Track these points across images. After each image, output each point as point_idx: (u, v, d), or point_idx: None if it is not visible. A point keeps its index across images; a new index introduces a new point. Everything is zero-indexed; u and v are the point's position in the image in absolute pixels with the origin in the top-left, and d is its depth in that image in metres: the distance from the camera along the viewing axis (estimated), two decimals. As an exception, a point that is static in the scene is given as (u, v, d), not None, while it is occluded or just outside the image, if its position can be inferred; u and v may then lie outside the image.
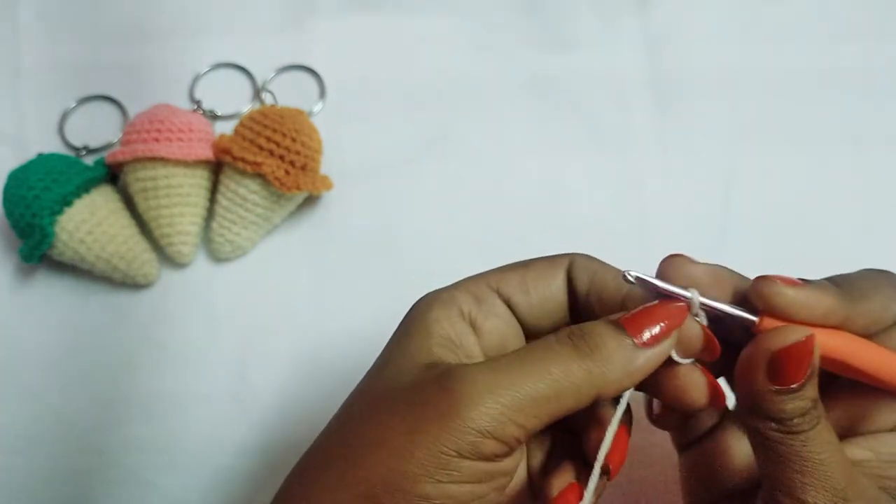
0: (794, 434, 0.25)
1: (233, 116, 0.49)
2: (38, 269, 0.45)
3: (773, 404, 0.25)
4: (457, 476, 0.23)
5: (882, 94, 0.50)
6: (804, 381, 0.25)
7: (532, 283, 0.28)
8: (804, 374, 0.25)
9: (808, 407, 0.25)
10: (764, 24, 0.52)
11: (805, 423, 0.25)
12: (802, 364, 0.25)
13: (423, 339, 0.27)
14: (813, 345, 0.25)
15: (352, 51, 0.51)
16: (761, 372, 0.25)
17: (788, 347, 0.25)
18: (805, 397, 0.25)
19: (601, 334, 0.25)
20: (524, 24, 0.52)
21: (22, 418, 0.41)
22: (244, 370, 0.43)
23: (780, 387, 0.25)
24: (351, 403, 0.27)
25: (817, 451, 0.25)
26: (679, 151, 0.48)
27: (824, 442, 0.25)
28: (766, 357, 0.25)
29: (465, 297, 0.28)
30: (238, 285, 0.45)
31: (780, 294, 0.26)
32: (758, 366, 0.25)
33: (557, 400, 0.24)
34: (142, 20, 0.51)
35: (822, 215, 0.46)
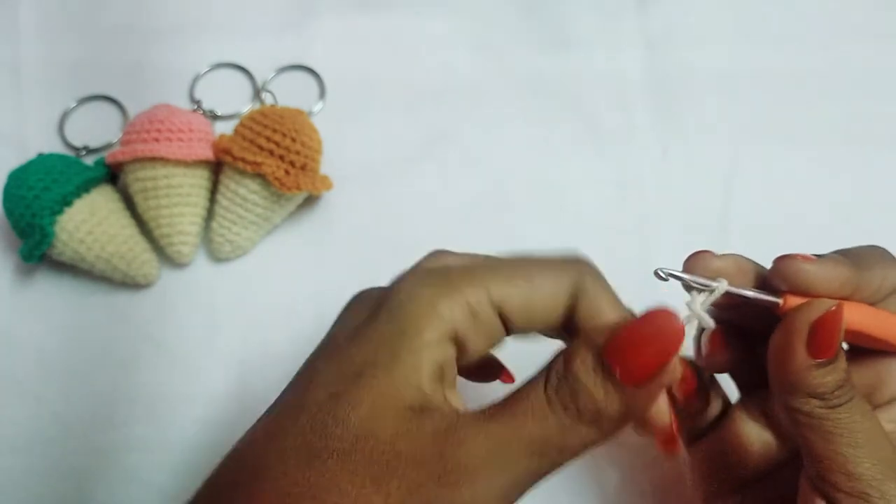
0: (837, 407, 0.26)
1: (233, 116, 0.49)
2: (38, 269, 0.45)
3: (814, 379, 0.26)
4: None
5: (882, 94, 0.50)
6: (836, 352, 0.26)
7: (536, 302, 0.26)
8: (837, 344, 0.26)
9: (845, 378, 0.26)
10: (764, 24, 0.52)
11: (845, 394, 0.26)
12: (835, 334, 0.26)
13: (411, 370, 0.24)
14: (842, 314, 0.26)
15: (352, 51, 0.51)
16: (801, 347, 0.26)
17: (822, 318, 0.26)
18: (840, 369, 0.26)
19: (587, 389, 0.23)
20: (524, 23, 0.52)
21: (21, 418, 0.41)
22: (244, 370, 0.42)
23: (819, 359, 0.25)
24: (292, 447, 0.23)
25: (861, 420, 0.26)
26: (679, 151, 0.48)
27: (865, 411, 0.26)
28: (803, 331, 0.26)
29: (460, 313, 0.25)
30: (238, 285, 0.45)
31: (802, 270, 0.27)
32: (795, 342, 0.26)
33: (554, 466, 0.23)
34: (142, 20, 0.52)
35: (822, 215, 0.46)
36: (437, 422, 0.23)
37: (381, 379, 0.23)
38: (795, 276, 0.27)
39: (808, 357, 0.26)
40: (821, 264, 0.27)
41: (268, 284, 0.45)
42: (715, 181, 0.47)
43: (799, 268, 0.27)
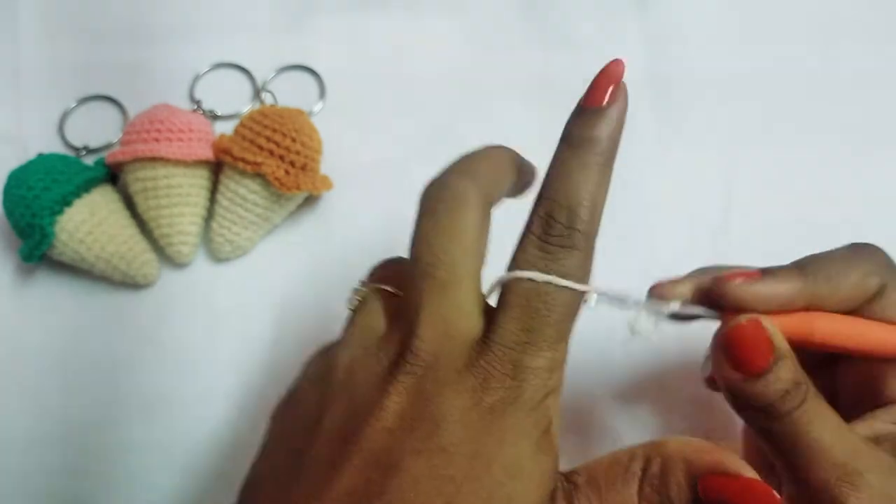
0: (779, 418, 0.25)
1: (233, 116, 0.49)
2: (38, 269, 0.45)
3: (748, 392, 0.25)
4: None
5: (882, 94, 0.50)
6: (771, 363, 0.25)
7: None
8: (767, 357, 0.25)
9: (787, 388, 0.25)
10: (764, 25, 0.52)
11: (786, 403, 0.25)
12: (757, 347, 0.25)
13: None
14: (759, 326, 0.25)
15: (352, 51, 0.51)
16: (724, 364, 0.25)
17: (730, 333, 0.25)
18: (778, 379, 0.25)
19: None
20: (524, 23, 0.52)
21: (21, 418, 0.41)
22: (244, 370, 0.42)
23: (746, 375, 0.25)
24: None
25: (807, 430, 0.25)
26: (679, 151, 0.48)
27: (814, 419, 0.25)
28: (720, 348, 0.26)
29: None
30: (238, 285, 0.45)
31: (733, 291, 0.27)
32: (719, 360, 0.26)
33: None
34: (142, 20, 0.51)
35: (822, 215, 0.46)
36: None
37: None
38: (729, 298, 0.27)
39: (734, 372, 0.25)
40: (760, 283, 0.27)
41: (268, 284, 0.45)
42: (715, 181, 0.47)
43: (731, 289, 0.27)
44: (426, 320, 0.25)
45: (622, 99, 0.27)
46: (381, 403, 0.24)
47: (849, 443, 0.25)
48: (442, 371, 0.24)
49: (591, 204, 0.26)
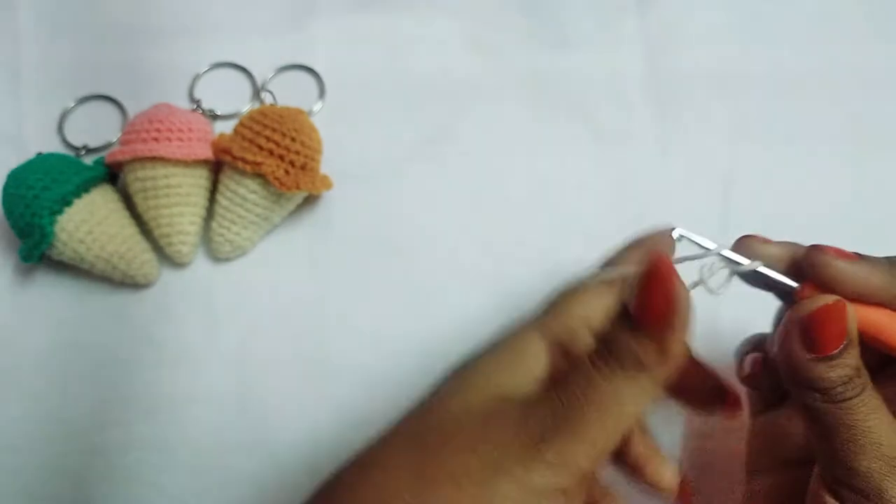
0: (837, 403, 0.25)
1: (233, 116, 0.49)
2: (38, 269, 0.45)
3: (813, 373, 0.25)
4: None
5: (882, 94, 0.50)
6: (841, 348, 0.25)
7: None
8: (839, 341, 0.25)
9: (850, 375, 0.25)
10: (764, 24, 0.52)
11: (848, 391, 0.25)
12: (834, 331, 0.25)
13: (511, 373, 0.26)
14: (843, 311, 0.25)
15: (352, 51, 0.51)
16: (796, 341, 0.26)
17: (817, 312, 0.25)
18: (845, 365, 0.25)
19: (629, 346, 0.25)
20: (524, 23, 0.52)
21: (21, 418, 0.41)
22: (244, 370, 0.42)
23: (818, 355, 0.25)
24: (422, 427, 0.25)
25: (863, 419, 0.25)
26: (679, 151, 0.48)
27: (870, 409, 0.26)
28: (797, 324, 0.26)
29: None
30: (238, 285, 0.45)
31: (828, 264, 0.26)
32: (792, 337, 0.26)
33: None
34: (142, 20, 0.51)
35: (821, 215, 0.46)
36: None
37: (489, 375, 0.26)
38: (820, 269, 0.27)
39: (805, 352, 0.25)
40: (855, 264, 0.26)
41: (268, 284, 0.45)
42: (715, 181, 0.47)
43: (826, 261, 0.27)
44: None
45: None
46: None
47: (893, 437, 0.26)
48: None
49: None
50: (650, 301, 0.25)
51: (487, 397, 0.25)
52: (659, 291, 0.25)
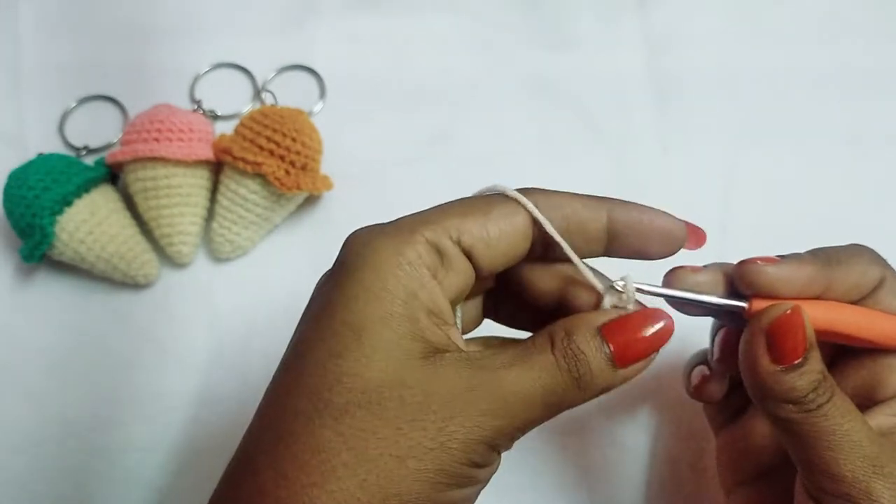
0: (812, 411, 0.25)
1: (233, 116, 0.49)
2: (38, 269, 0.45)
3: (783, 384, 0.25)
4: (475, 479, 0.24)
5: (882, 94, 0.50)
6: (805, 354, 0.25)
7: (494, 232, 0.26)
8: (803, 347, 0.25)
9: (819, 380, 0.25)
10: (764, 24, 0.52)
11: (819, 396, 0.25)
12: (797, 337, 0.25)
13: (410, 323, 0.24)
14: (801, 315, 0.26)
15: (352, 51, 0.51)
16: (763, 354, 0.26)
17: (778, 321, 0.25)
18: (812, 370, 0.25)
19: (589, 359, 0.25)
20: (524, 23, 0.52)
21: (22, 418, 0.41)
22: (244, 370, 0.42)
23: (785, 365, 0.25)
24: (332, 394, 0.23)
25: (840, 422, 0.25)
26: (679, 151, 0.48)
27: (844, 412, 0.26)
28: (761, 338, 0.26)
29: (428, 253, 0.25)
30: (238, 285, 0.45)
31: (760, 273, 0.27)
32: (756, 349, 0.26)
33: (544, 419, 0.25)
34: (142, 20, 0.51)
35: (821, 215, 0.46)
36: (457, 364, 0.24)
37: (383, 333, 0.24)
38: (756, 279, 0.27)
39: (772, 363, 0.25)
40: (782, 265, 0.27)
41: (268, 284, 0.45)
42: (715, 181, 0.47)
43: (758, 270, 0.27)
44: None
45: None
46: None
47: (874, 436, 0.26)
48: None
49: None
50: (637, 344, 0.25)
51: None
52: (649, 342, 0.26)
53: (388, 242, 0.25)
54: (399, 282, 0.25)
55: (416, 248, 0.25)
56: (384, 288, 0.25)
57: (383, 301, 0.24)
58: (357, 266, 0.25)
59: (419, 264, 0.25)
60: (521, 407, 0.24)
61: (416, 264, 0.25)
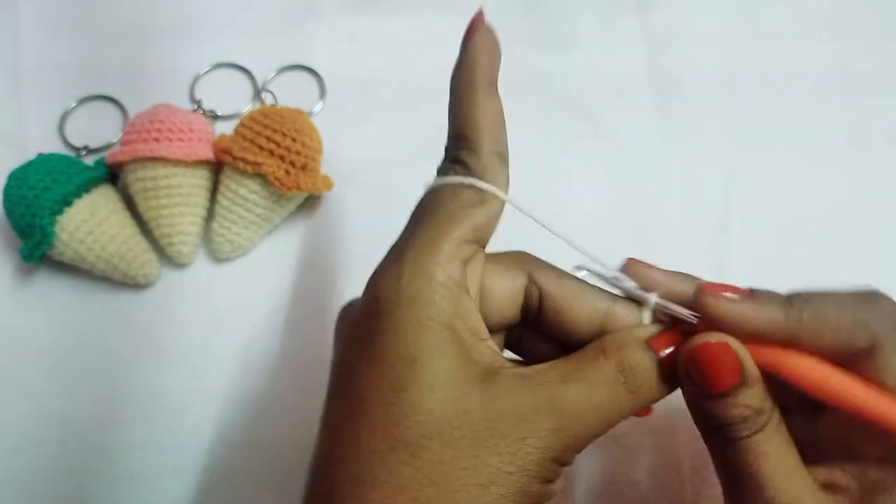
0: (736, 440, 0.25)
1: (233, 116, 0.49)
2: (38, 269, 0.45)
3: (709, 409, 0.25)
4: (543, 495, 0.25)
5: (882, 94, 0.50)
6: (733, 387, 0.24)
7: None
8: (732, 380, 0.24)
9: (747, 415, 0.24)
10: (764, 24, 0.52)
11: (746, 429, 0.25)
12: (722, 370, 0.24)
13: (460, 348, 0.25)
14: (728, 350, 0.24)
15: (352, 51, 0.51)
16: (688, 378, 0.25)
17: (698, 351, 0.25)
18: (740, 405, 0.24)
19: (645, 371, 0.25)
20: (524, 23, 0.52)
21: (22, 418, 0.41)
22: (244, 370, 0.42)
23: (709, 392, 0.25)
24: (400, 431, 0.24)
25: (755, 461, 0.24)
26: (679, 151, 0.48)
27: (767, 452, 0.25)
28: (684, 360, 0.25)
29: (455, 269, 0.26)
30: (238, 285, 0.45)
31: (713, 305, 0.25)
32: (683, 374, 0.25)
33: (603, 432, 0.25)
34: (142, 20, 0.52)
35: (821, 215, 0.46)
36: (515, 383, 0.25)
37: (439, 361, 0.24)
38: (707, 308, 0.25)
39: (695, 388, 0.25)
40: (744, 302, 0.25)
41: (268, 284, 0.45)
42: (715, 181, 0.47)
43: (711, 301, 0.25)
44: None
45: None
46: None
47: (795, 487, 0.24)
48: None
49: None
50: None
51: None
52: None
53: (417, 271, 0.25)
54: (439, 308, 0.25)
55: (445, 268, 0.25)
56: (428, 316, 0.25)
57: (431, 330, 0.24)
58: (394, 299, 0.25)
59: (451, 285, 0.25)
60: (584, 422, 0.25)
61: (449, 286, 0.25)
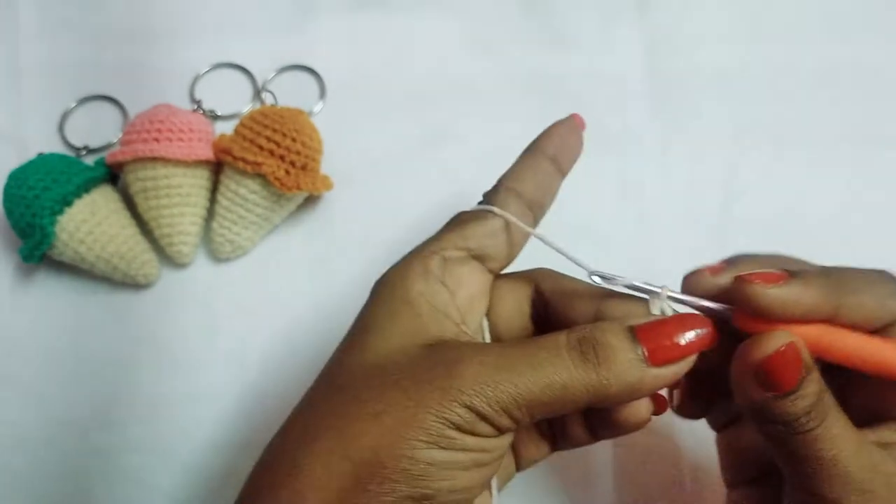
0: (803, 434, 0.25)
1: (233, 116, 0.49)
2: (38, 269, 0.45)
3: (775, 410, 0.25)
4: (458, 444, 0.24)
5: (882, 94, 0.50)
6: (799, 382, 0.25)
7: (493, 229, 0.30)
8: (797, 377, 0.25)
9: (812, 404, 0.25)
10: (764, 24, 0.52)
11: (811, 420, 0.25)
12: (791, 369, 0.25)
13: (412, 317, 0.27)
14: (797, 351, 0.25)
15: (352, 51, 0.51)
16: (752, 383, 0.25)
17: (771, 359, 0.25)
18: (805, 395, 0.25)
19: (613, 347, 0.25)
20: (524, 23, 0.52)
21: (22, 418, 0.41)
22: (244, 370, 0.43)
23: (777, 393, 0.25)
24: (335, 378, 0.27)
25: (828, 448, 0.25)
26: (679, 151, 0.48)
27: (834, 437, 0.25)
28: (753, 371, 0.25)
29: (436, 263, 0.29)
30: (238, 285, 0.45)
31: (757, 295, 0.25)
32: (747, 378, 0.25)
33: (553, 403, 0.25)
34: (142, 20, 0.51)
35: (821, 215, 0.46)
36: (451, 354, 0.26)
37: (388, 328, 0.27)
38: (752, 301, 0.25)
39: (763, 392, 0.25)
40: (785, 287, 0.25)
41: (268, 284, 0.45)
42: (715, 181, 0.47)
43: (755, 293, 0.25)
44: None
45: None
46: None
47: (865, 459, 0.25)
48: None
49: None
50: (675, 346, 0.25)
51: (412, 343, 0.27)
52: (687, 345, 0.26)
53: (402, 263, 0.29)
54: (402, 287, 0.28)
55: (423, 262, 0.28)
56: (391, 293, 0.28)
57: (389, 303, 0.28)
58: (380, 282, 0.29)
59: (423, 273, 0.28)
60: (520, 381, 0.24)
61: (421, 273, 0.28)
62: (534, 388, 0.25)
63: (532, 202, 0.31)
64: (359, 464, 0.24)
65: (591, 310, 0.29)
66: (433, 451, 0.24)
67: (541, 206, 0.31)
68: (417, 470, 0.24)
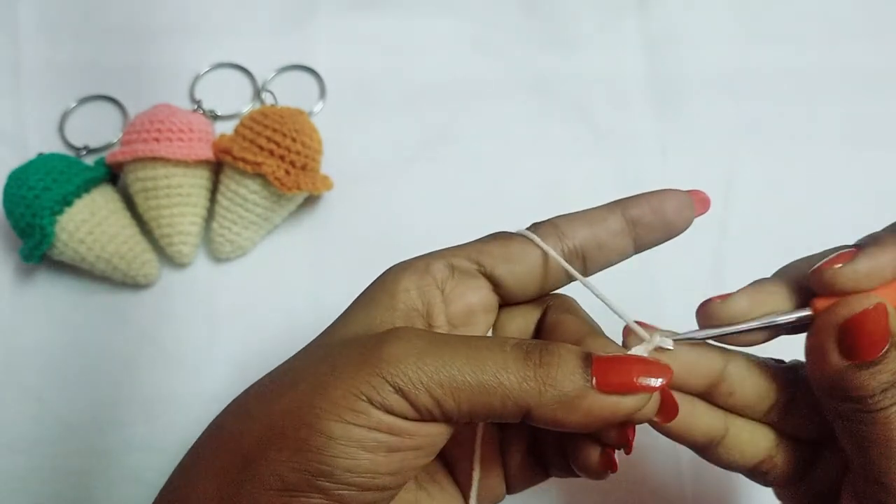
0: (875, 412, 0.24)
1: (233, 116, 0.49)
2: (38, 269, 0.45)
3: (852, 381, 0.23)
4: (364, 420, 0.23)
5: (882, 94, 0.50)
6: (884, 351, 0.23)
7: (515, 255, 0.28)
8: (882, 345, 0.23)
9: (890, 381, 0.23)
10: (764, 24, 0.52)
11: (886, 399, 0.23)
12: (876, 334, 0.23)
13: (386, 309, 0.27)
14: (884, 311, 0.23)
15: (352, 51, 0.51)
16: (832, 349, 0.24)
17: (856, 318, 0.24)
18: (885, 371, 0.23)
19: (560, 356, 0.24)
20: (524, 24, 0.52)
21: (22, 418, 0.41)
22: (244, 370, 0.42)
23: (858, 362, 0.23)
24: (294, 356, 0.28)
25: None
26: (679, 151, 0.48)
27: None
28: (834, 333, 0.24)
29: (440, 266, 0.28)
30: (238, 285, 0.45)
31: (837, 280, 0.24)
32: (826, 344, 0.24)
33: (482, 394, 0.23)
34: (142, 20, 0.51)
35: (821, 215, 0.46)
36: (403, 330, 0.25)
37: (359, 314, 0.28)
38: (833, 286, 0.24)
39: (843, 359, 0.23)
40: (859, 260, 0.24)
41: (268, 284, 0.45)
42: (715, 181, 0.47)
43: (833, 274, 0.24)
44: None
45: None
46: None
47: None
48: None
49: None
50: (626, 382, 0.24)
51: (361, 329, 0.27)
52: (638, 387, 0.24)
53: (412, 258, 0.28)
54: (392, 283, 0.27)
55: (428, 262, 0.28)
56: (381, 285, 0.28)
57: (374, 292, 0.28)
58: (382, 274, 0.29)
59: (424, 274, 0.27)
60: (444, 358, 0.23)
61: (421, 274, 0.27)
62: (465, 372, 0.23)
63: (577, 250, 0.28)
64: (266, 426, 0.24)
65: (573, 340, 0.27)
66: (335, 424, 0.22)
67: (590, 259, 0.29)
68: (316, 442, 0.22)
